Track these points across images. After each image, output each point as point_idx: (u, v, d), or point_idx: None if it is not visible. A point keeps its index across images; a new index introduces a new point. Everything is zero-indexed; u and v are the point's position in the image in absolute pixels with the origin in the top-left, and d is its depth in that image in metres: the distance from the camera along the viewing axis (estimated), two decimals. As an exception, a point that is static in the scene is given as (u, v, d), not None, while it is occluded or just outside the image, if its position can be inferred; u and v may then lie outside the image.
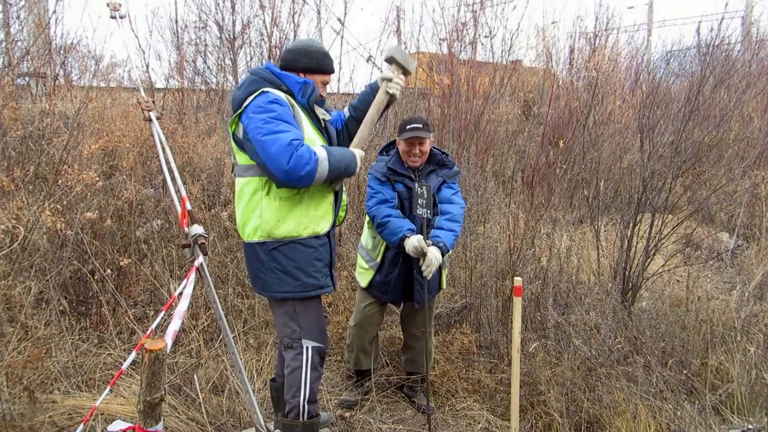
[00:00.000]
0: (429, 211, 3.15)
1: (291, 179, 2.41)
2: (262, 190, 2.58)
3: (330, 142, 2.77)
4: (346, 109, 3.06)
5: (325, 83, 2.81)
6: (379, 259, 3.48)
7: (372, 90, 2.91)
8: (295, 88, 2.65)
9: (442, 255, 3.22)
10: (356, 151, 2.69)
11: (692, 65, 8.58)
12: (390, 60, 2.82)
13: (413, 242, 3.13)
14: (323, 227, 2.68)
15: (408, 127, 3.37)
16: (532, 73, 10.03)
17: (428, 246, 3.13)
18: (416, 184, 3.18)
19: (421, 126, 3.34)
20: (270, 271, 2.63)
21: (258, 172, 2.56)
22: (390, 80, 2.83)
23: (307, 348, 2.69)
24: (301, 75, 2.70)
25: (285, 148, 2.38)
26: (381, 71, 3.45)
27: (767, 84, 8.74)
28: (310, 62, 2.72)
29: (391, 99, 2.87)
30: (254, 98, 2.54)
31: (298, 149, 2.40)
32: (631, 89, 8.82)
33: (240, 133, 2.56)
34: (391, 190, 3.41)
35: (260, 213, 2.59)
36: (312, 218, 2.64)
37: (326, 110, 2.85)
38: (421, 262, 3.15)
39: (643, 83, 8.27)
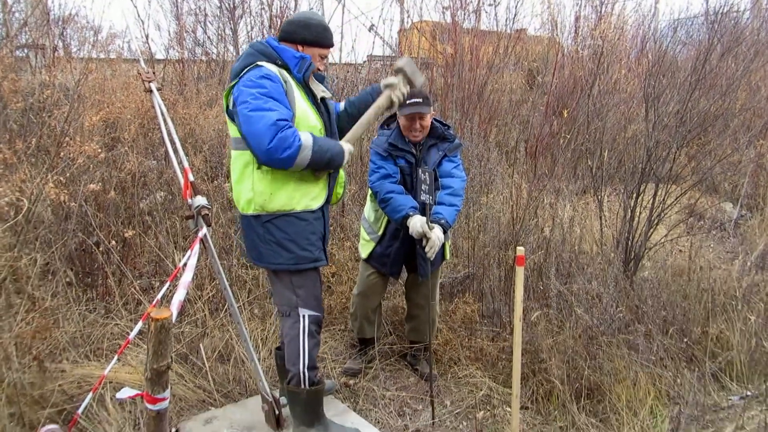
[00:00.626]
0: (431, 197, 3.18)
1: (271, 159, 2.42)
2: (253, 164, 2.58)
3: (329, 120, 2.76)
4: (342, 103, 3.06)
5: (323, 57, 2.78)
6: (380, 232, 3.50)
7: (373, 92, 2.93)
8: (291, 62, 2.62)
9: (444, 231, 3.24)
10: (346, 145, 2.67)
11: (700, 33, 8.45)
12: (399, 70, 2.85)
13: (416, 226, 3.16)
14: (316, 203, 2.69)
15: (408, 102, 3.33)
16: (536, 42, 9.88)
17: (431, 228, 3.16)
18: (420, 170, 3.19)
19: (421, 100, 3.30)
20: (265, 243, 2.65)
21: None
22: (395, 88, 2.83)
23: (303, 316, 2.72)
24: (300, 48, 2.67)
25: (269, 127, 2.37)
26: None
27: (775, 52, 8.61)
28: (310, 35, 2.69)
29: (391, 105, 2.87)
30: (247, 71, 2.54)
31: (283, 130, 2.39)
32: (637, 58, 8.69)
33: (231, 105, 2.57)
34: (393, 165, 3.40)
35: (252, 186, 2.60)
36: (305, 193, 2.64)
37: (326, 87, 2.84)
38: (424, 243, 3.18)
39: (649, 52, 8.14)
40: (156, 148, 5.08)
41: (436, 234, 3.16)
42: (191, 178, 2.43)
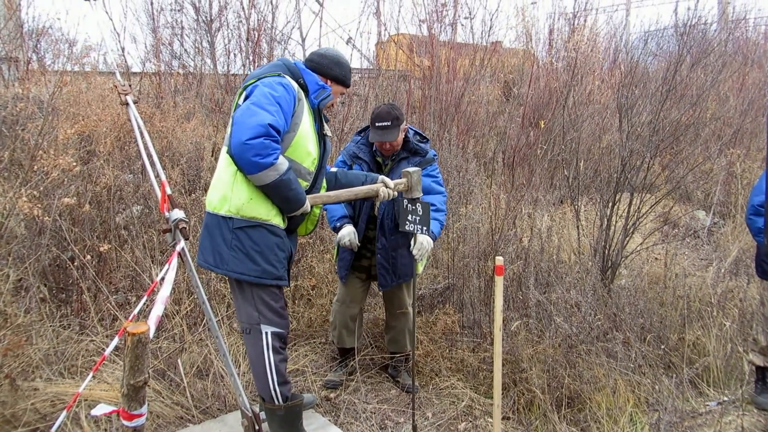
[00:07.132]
0: (424, 228, 2.93)
1: (239, 154, 2.38)
2: None
3: (323, 156, 2.79)
4: (334, 167, 3.13)
5: (341, 94, 2.92)
6: None
7: (368, 177, 3.01)
8: (312, 87, 2.70)
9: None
10: (308, 200, 2.65)
11: (670, 45, 8.65)
12: (406, 174, 2.90)
13: (343, 239, 3.32)
14: (284, 223, 2.67)
15: (377, 124, 3.38)
16: (512, 54, 10.04)
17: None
18: (405, 201, 2.97)
19: (389, 124, 3.34)
20: (231, 249, 2.57)
21: None
22: (388, 188, 2.88)
23: (266, 333, 2.66)
24: (328, 82, 2.79)
25: (258, 125, 2.36)
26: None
27: (742, 63, 8.86)
28: (340, 72, 2.83)
29: (376, 197, 2.91)
30: (268, 76, 2.59)
31: (269, 138, 2.38)
32: (610, 69, 8.87)
33: (242, 101, 2.57)
34: None
35: (232, 185, 2.55)
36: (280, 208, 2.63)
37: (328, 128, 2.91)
38: (412, 244, 3.18)
39: (621, 63, 8.31)
40: (132, 161, 5.02)
41: (426, 238, 3.21)
42: (168, 191, 2.40)
